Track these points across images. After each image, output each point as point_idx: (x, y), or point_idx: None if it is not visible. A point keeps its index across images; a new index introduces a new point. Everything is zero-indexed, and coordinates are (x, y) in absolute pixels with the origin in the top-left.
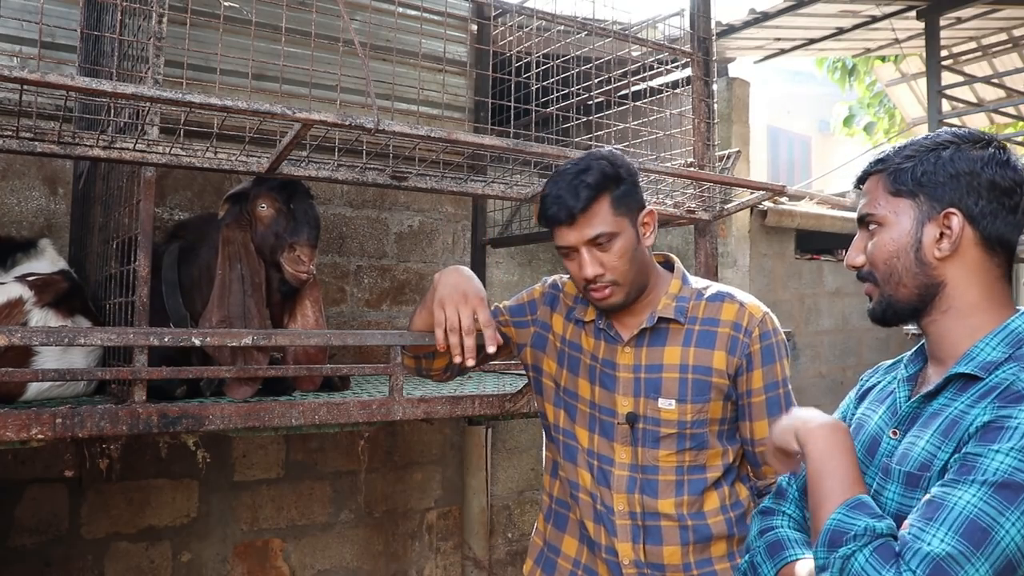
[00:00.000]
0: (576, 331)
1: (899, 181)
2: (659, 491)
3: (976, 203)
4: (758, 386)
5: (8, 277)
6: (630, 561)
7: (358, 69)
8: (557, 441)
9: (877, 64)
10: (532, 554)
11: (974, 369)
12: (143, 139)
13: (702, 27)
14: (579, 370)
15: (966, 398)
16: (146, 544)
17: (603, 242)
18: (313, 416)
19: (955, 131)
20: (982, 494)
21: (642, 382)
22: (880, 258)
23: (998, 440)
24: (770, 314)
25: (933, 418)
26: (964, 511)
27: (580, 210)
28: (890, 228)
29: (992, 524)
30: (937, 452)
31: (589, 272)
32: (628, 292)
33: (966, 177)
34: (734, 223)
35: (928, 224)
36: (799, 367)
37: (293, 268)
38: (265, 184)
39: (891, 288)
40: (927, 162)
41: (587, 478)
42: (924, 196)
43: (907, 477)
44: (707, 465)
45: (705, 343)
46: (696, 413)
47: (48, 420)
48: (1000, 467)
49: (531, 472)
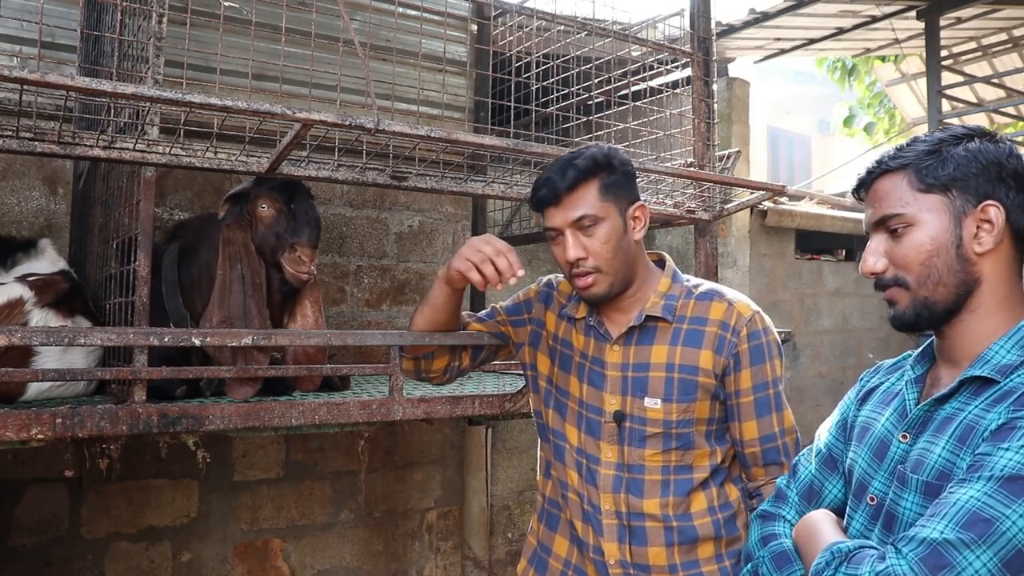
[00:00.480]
0: (568, 328)
1: (929, 176)
2: (644, 491)
3: (1007, 194)
4: (746, 386)
5: (8, 277)
6: (616, 561)
7: (358, 69)
8: (549, 440)
9: (877, 64)
10: (526, 553)
11: (990, 372)
12: (143, 139)
13: (702, 27)
14: (570, 368)
15: (981, 402)
16: (146, 544)
17: (587, 225)
18: (313, 416)
19: (962, 126)
20: (987, 488)
21: (629, 380)
22: (916, 259)
23: (1008, 439)
24: (760, 313)
25: (947, 423)
26: (967, 504)
27: (566, 189)
28: (924, 226)
29: (996, 515)
30: (956, 460)
31: (571, 254)
32: (612, 283)
33: (995, 168)
34: (734, 223)
35: (966, 218)
36: (799, 367)
37: (294, 269)
38: (265, 184)
39: (928, 290)
40: (957, 156)
41: (575, 477)
42: (957, 190)
43: (926, 487)
44: (694, 465)
45: (692, 342)
46: (682, 413)
47: (48, 420)
48: (1008, 463)
49: (531, 472)
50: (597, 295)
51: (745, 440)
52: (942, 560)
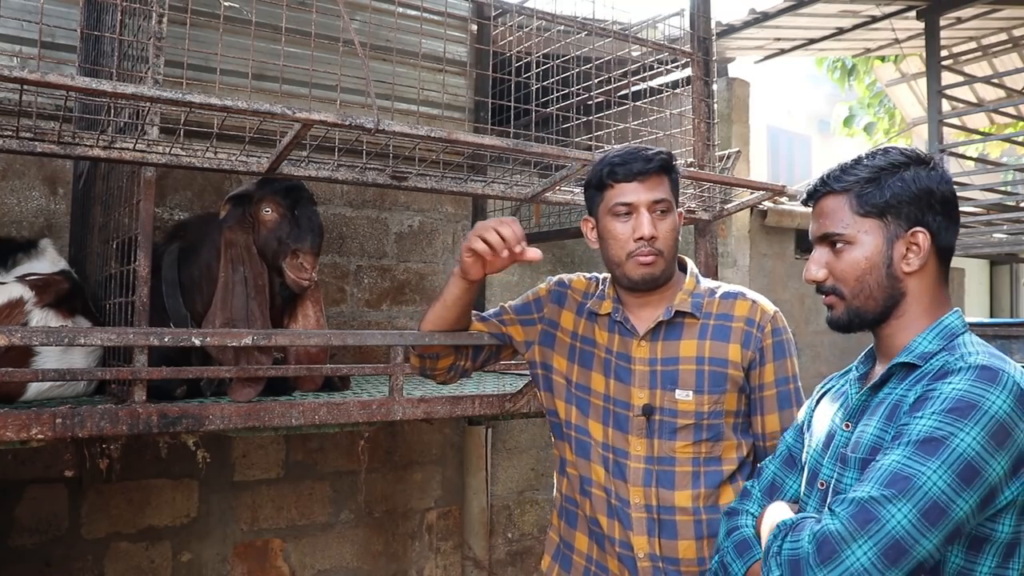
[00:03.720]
0: (589, 325)
1: (867, 203)
2: (675, 483)
3: (934, 219)
4: (770, 380)
5: (9, 277)
6: (645, 554)
7: (358, 69)
8: (569, 438)
9: (877, 64)
10: (549, 549)
11: (913, 359)
12: (143, 139)
13: (702, 27)
14: (592, 364)
15: (906, 384)
16: (146, 544)
17: (663, 209)
18: (313, 416)
19: (902, 150)
20: (906, 451)
21: (658, 374)
22: (851, 275)
23: (922, 408)
24: (779, 313)
25: (879, 406)
26: (889, 467)
27: (655, 170)
28: (860, 247)
29: (914, 473)
30: (884, 436)
31: (647, 231)
32: (665, 269)
33: (926, 197)
34: (734, 223)
35: (897, 242)
36: (799, 367)
37: (295, 275)
38: (269, 187)
39: (860, 301)
40: (893, 185)
41: (601, 473)
42: (891, 216)
43: (862, 463)
44: (723, 457)
45: (720, 336)
46: (713, 404)
47: (48, 420)
48: (923, 428)
49: (531, 472)
50: (654, 275)
51: (768, 433)
52: (868, 515)
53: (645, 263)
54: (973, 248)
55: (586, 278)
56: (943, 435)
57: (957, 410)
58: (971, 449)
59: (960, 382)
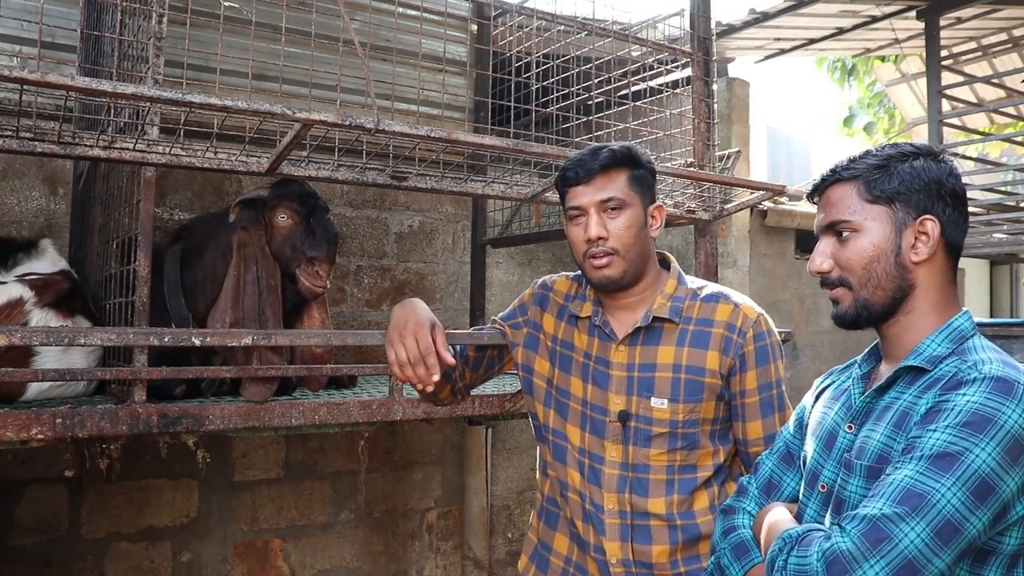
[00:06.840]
0: (569, 329)
1: (876, 189)
2: (649, 490)
3: (944, 210)
4: (751, 387)
5: (9, 277)
6: (618, 560)
7: (358, 69)
8: (547, 440)
9: (877, 64)
10: (527, 550)
11: (921, 362)
12: (143, 139)
13: (702, 27)
14: (571, 368)
15: (914, 390)
16: (146, 544)
17: (614, 207)
18: (313, 416)
19: (912, 143)
20: (919, 467)
21: (635, 380)
22: (858, 263)
23: (935, 421)
24: (764, 316)
25: (885, 411)
26: (901, 483)
27: (598, 169)
28: (868, 234)
29: (927, 490)
30: (893, 444)
31: (594, 232)
32: (626, 269)
33: (935, 186)
34: (734, 223)
35: (906, 230)
36: (799, 367)
37: (311, 282)
38: (284, 194)
39: (868, 291)
40: (902, 172)
41: (576, 477)
42: (900, 204)
43: (868, 471)
44: (698, 465)
45: (699, 343)
46: (688, 413)
47: (48, 420)
48: (936, 442)
49: (531, 472)
50: (610, 277)
51: (750, 440)
52: (881, 534)
53: (598, 265)
54: (973, 248)
55: (569, 279)
56: (958, 450)
57: (972, 424)
58: (986, 465)
59: (975, 394)
